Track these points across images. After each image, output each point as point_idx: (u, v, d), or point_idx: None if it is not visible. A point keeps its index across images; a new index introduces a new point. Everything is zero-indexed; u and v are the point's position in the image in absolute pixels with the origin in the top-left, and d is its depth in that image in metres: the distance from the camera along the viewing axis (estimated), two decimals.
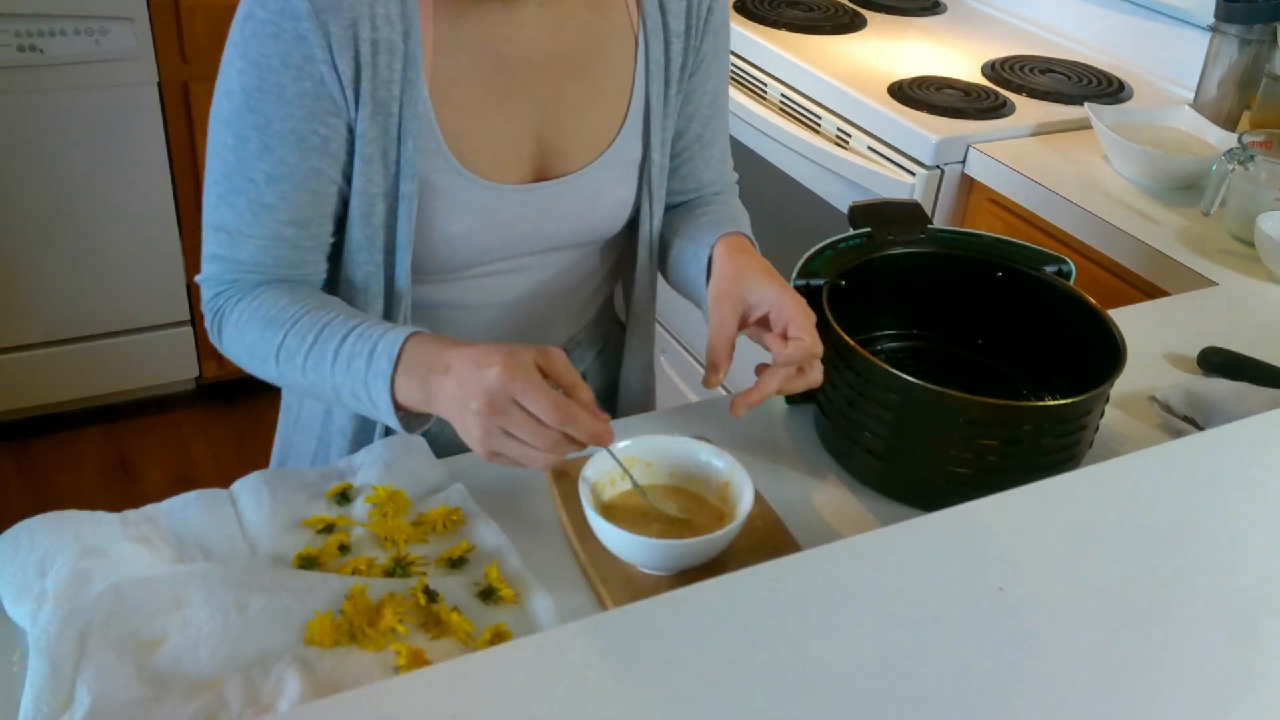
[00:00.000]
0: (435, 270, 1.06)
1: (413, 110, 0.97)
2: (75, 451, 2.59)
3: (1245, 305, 1.35)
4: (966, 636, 0.70)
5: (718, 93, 1.17)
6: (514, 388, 0.82)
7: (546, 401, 0.82)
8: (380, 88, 0.95)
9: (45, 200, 2.35)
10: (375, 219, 1.00)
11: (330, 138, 0.96)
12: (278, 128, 0.94)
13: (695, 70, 1.13)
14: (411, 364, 0.90)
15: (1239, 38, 1.73)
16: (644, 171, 1.12)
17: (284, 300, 0.98)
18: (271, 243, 0.98)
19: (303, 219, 0.98)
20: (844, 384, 1.00)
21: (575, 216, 1.09)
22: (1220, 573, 0.77)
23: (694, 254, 1.10)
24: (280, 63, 0.92)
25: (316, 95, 0.93)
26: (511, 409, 0.83)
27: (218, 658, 0.78)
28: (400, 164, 0.98)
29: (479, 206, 1.03)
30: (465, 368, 0.85)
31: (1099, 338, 1.03)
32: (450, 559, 0.89)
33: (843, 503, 1.01)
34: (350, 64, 0.93)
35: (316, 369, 0.94)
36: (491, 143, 1.03)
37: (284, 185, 0.96)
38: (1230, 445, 0.92)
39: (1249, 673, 0.71)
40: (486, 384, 0.83)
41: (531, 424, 0.83)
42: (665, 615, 0.70)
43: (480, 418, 0.83)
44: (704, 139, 1.17)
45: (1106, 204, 1.58)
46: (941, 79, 1.95)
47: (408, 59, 0.95)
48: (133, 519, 0.91)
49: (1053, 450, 0.96)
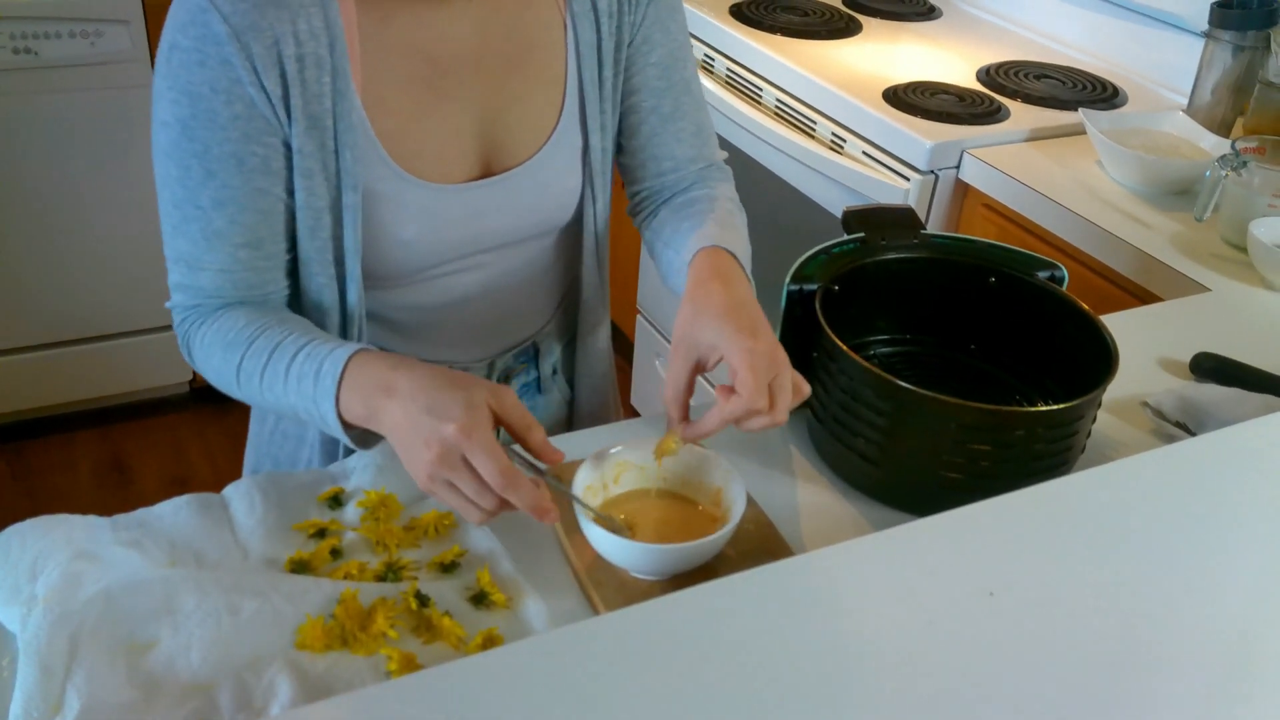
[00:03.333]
0: (392, 276, 1.06)
1: (347, 121, 0.97)
2: (70, 454, 2.58)
3: (1238, 311, 1.36)
4: (958, 641, 0.70)
5: (669, 64, 1.14)
6: (466, 446, 0.82)
7: (494, 468, 0.82)
8: (311, 102, 0.95)
9: (40, 203, 2.35)
10: (322, 232, 1.00)
11: (270, 157, 0.96)
12: (215, 152, 0.94)
13: (632, 42, 1.12)
14: (355, 382, 0.89)
15: (1233, 44, 1.74)
16: (586, 157, 1.12)
17: (241, 321, 0.98)
18: (228, 267, 0.98)
19: (255, 239, 0.98)
20: (837, 389, 1.00)
21: (525, 209, 1.09)
22: (1212, 578, 0.77)
23: (678, 267, 1.08)
24: (209, 89, 0.92)
25: (249, 117, 0.94)
26: (460, 467, 0.83)
27: (209, 661, 0.78)
28: (340, 175, 0.98)
29: (425, 209, 1.03)
30: (414, 404, 0.85)
31: (1092, 343, 1.03)
32: (442, 563, 0.89)
33: (835, 507, 1.01)
34: (278, 82, 0.93)
35: (272, 389, 0.95)
36: (432, 145, 1.03)
37: (231, 208, 0.96)
38: (1223, 451, 0.92)
39: (1241, 678, 0.71)
40: (443, 436, 0.82)
41: (477, 484, 0.83)
42: (657, 620, 0.70)
43: (430, 466, 0.83)
44: (663, 112, 1.15)
45: (1100, 209, 1.58)
46: (936, 84, 1.96)
47: (335, 70, 0.95)
48: (124, 523, 0.91)
49: (1045, 455, 0.96)
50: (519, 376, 1.22)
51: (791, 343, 1.07)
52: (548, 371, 1.25)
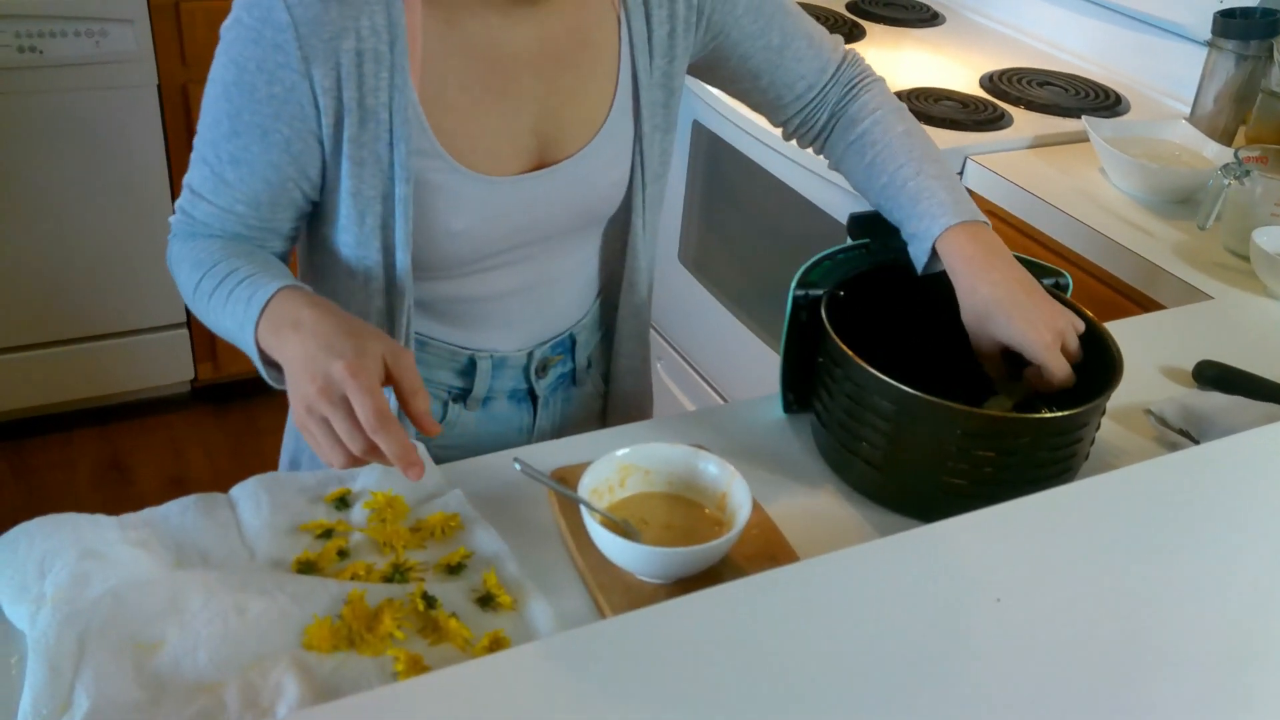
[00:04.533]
0: (442, 266, 1.09)
1: (402, 115, 1.01)
2: (69, 453, 2.58)
3: (1240, 319, 1.36)
4: (964, 647, 0.70)
5: (756, 8, 1.17)
6: (350, 385, 0.84)
7: (371, 408, 0.84)
8: (367, 95, 0.99)
9: (43, 201, 2.35)
10: (371, 220, 1.04)
11: (292, 139, 1.00)
12: (246, 119, 0.99)
13: (711, 13, 1.14)
14: (273, 313, 0.94)
15: (1236, 53, 1.74)
16: (637, 147, 1.15)
17: (215, 246, 1.04)
18: (223, 213, 1.04)
19: (255, 202, 1.03)
20: (842, 394, 1.00)
21: (573, 200, 1.12)
22: (1216, 586, 0.78)
23: (909, 234, 1.12)
24: (256, 65, 0.97)
25: (285, 100, 0.98)
26: (339, 404, 0.85)
27: (216, 661, 0.78)
28: (394, 167, 1.02)
29: (479, 201, 1.06)
30: (314, 338, 0.88)
31: (1095, 350, 1.03)
32: (449, 565, 0.89)
33: (840, 513, 1.01)
34: (330, 74, 0.97)
35: (216, 310, 1.00)
36: (489, 139, 1.06)
37: (243, 169, 1.01)
38: (1226, 459, 0.92)
39: (1244, 685, 0.71)
40: (328, 370, 0.85)
41: (350, 424, 0.84)
42: (663, 624, 0.71)
43: (308, 398, 0.86)
44: (775, 46, 1.19)
45: (1103, 217, 1.58)
46: (939, 90, 1.96)
47: (394, 67, 0.99)
48: (131, 522, 0.91)
49: (1049, 462, 0.97)
50: (555, 368, 1.24)
51: (797, 347, 1.07)
52: (583, 363, 1.26)
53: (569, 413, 1.28)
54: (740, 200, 2.24)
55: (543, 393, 1.24)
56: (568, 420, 1.28)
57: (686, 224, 2.39)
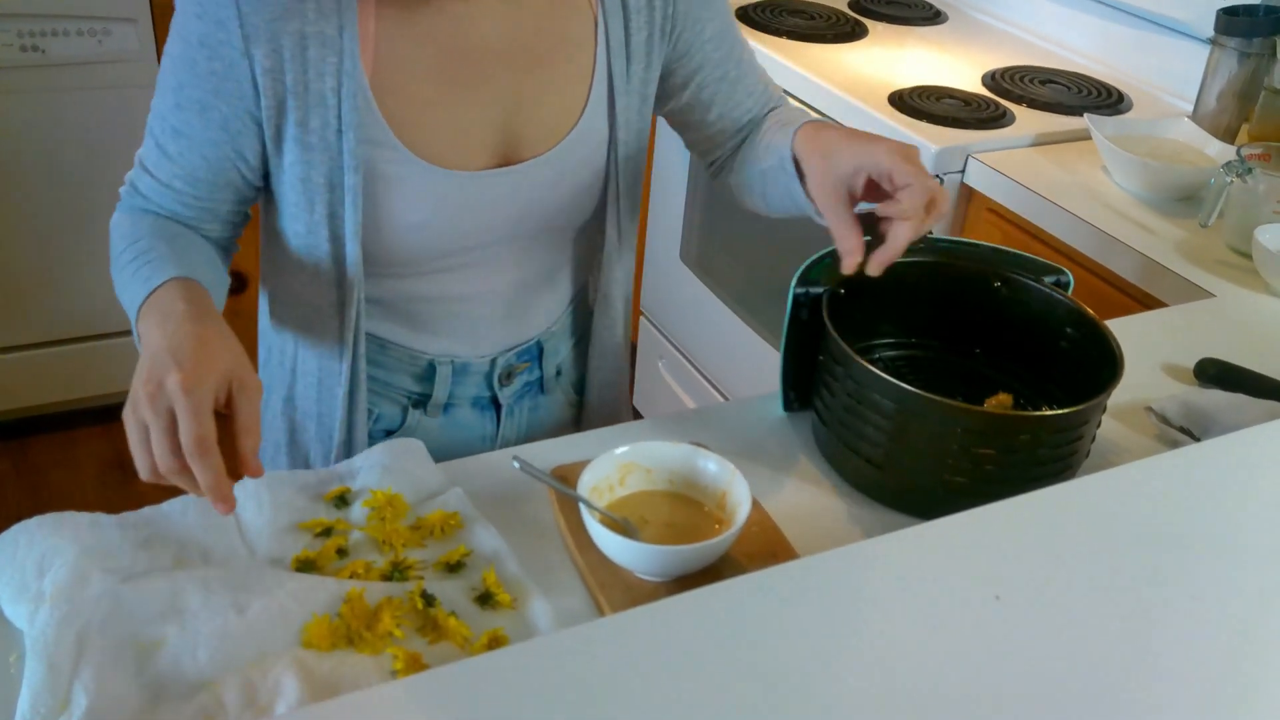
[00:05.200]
0: (399, 262, 1.06)
1: (352, 102, 0.99)
2: (73, 451, 2.59)
3: (1242, 317, 1.36)
4: (964, 644, 0.70)
5: (722, 32, 1.16)
6: (178, 400, 0.80)
7: (195, 432, 0.80)
8: (312, 80, 0.98)
9: (46, 200, 2.35)
10: (320, 208, 1.03)
11: (230, 118, 0.99)
12: (187, 92, 0.99)
13: (681, 30, 1.13)
14: (155, 299, 0.92)
15: (1238, 51, 1.74)
16: (611, 151, 1.12)
17: (147, 222, 1.03)
18: (163, 187, 1.03)
19: (194, 179, 1.02)
20: (842, 391, 1.00)
21: (542, 200, 1.10)
22: (1217, 583, 0.78)
23: (777, 165, 1.10)
24: (198, 40, 0.97)
25: (224, 77, 0.97)
26: (163, 415, 0.81)
27: (216, 660, 0.78)
28: (343, 155, 1.00)
29: (439, 194, 1.04)
30: (165, 340, 0.85)
31: (1096, 348, 1.03)
32: (448, 563, 0.89)
33: (840, 511, 1.01)
34: (271, 55, 0.96)
35: (124, 285, 0.98)
36: (450, 131, 1.04)
37: (183, 142, 1.01)
38: (1227, 456, 0.92)
39: (1246, 683, 0.71)
40: (164, 379, 0.81)
41: (169, 441, 0.80)
42: (662, 622, 0.71)
43: (135, 398, 0.82)
44: (730, 78, 1.18)
45: (1105, 215, 1.58)
46: (942, 88, 1.96)
47: (344, 52, 0.98)
48: (131, 521, 0.91)
49: (1049, 460, 0.96)
50: (521, 375, 1.21)
51: (797, 345, 1.07)
52: (551, 372, 1.24)
53: (537, 421, 1.25)
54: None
55: (507, 401, 1.21)
56: (536, 429, 1.25)
57: (688, 222, 2.38)
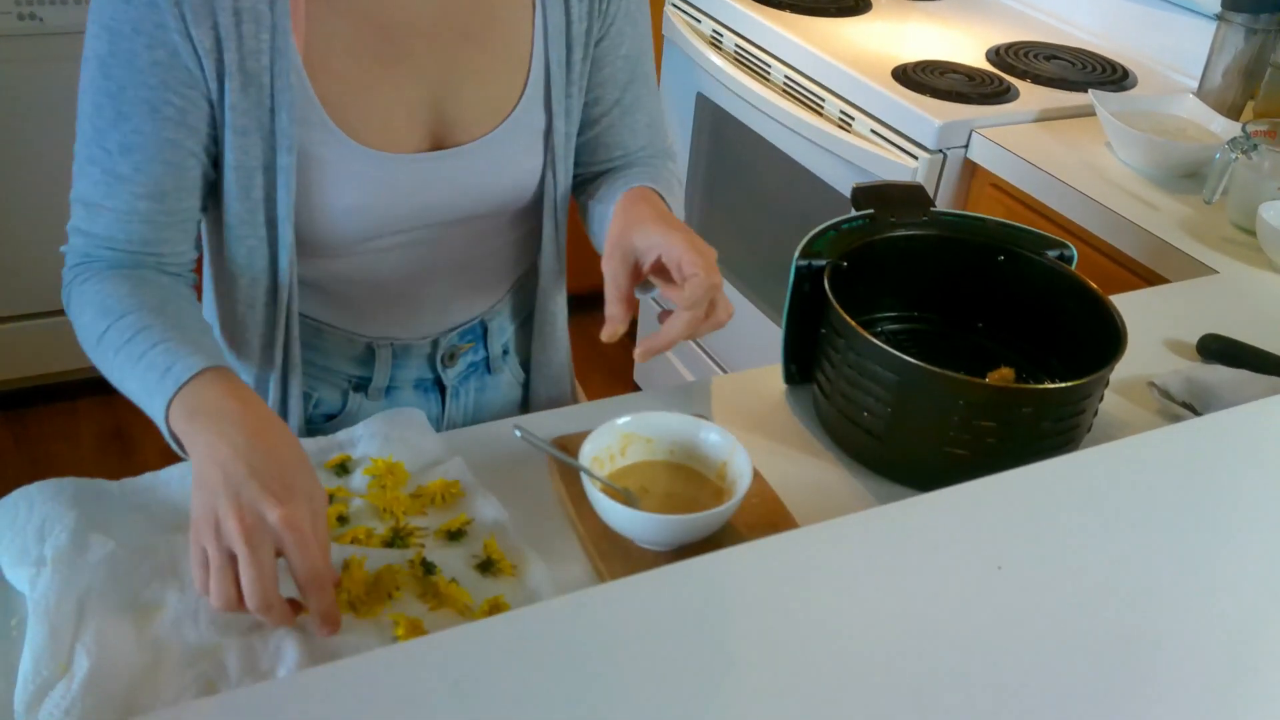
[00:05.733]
0: (330, 245, 1.03)
1: (284, 80, 0.94)
2: (73, 422, 2.59)
3: (1245, 293, 1.36)
4: (966, 614, 0.70)
5: (636, 57, 1.14)
6: (285, 536, 0.75)
7: (308, 568, 0.76)
8: (248, 58, 0.93)
9: (44, 169, 2.34)
10: (254, 193, 0.98)
11: (187, 110, 0.93)
12: (130, 95, 0.91)
13: (604, 35, 1.11)
14: (191, 395, 0.83)
15: (1245, 27, 1.73)
16: (548, 140, 1.10)
17: (124, 290, 0.93)
18: (126, 216, 0.95)
19: (159, 192, 0.95)
20: (844, 364, 1.00)
21: (478, 187, 1.07)
22: (1217, 555, 0.78)
23: (603, 214, 1.09)
24: (131, 29, 0.89)
25: (170, 65, 0.91)
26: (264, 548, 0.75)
27: (217, 625, 0.79)
28: (276, 135, 0.96)
29: (369, 177, 1.00)
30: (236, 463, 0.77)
31: (1099, 323, 1.03)
32: (449, 531, 0.89)
33: (841, 483, 1.01)
34: (209, 33, 0.91)
35: (122, 368, 0.89)
36: (379, 111, 1.00)
37: (138, 156, 0.93)
38: (1228, 430, 0.92)
39: (1246, 655, 0.71)
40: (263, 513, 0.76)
41: (268, 573, 0.75)
42: (662, 588, 0.71)
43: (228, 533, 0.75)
44: (624, 104, 1.15)
45: (1109, 191, 1.57)
46: (946, 63, 1.95)
47: (275, 28, 0.93)
48: (131, 487, 0.91)
49: (1051, 434, 0.96)
50: (465, 355, 1.19)
51: (799, 318, 1.07)
52: (497, 351, 1.22)
53: (484, 402, 1.23)
54: (744, 172, 2.23)
55: (451, 382, 1.19)
56: (484, 410, 1.23)
57: (690, 196, 2.38)
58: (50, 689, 0.73)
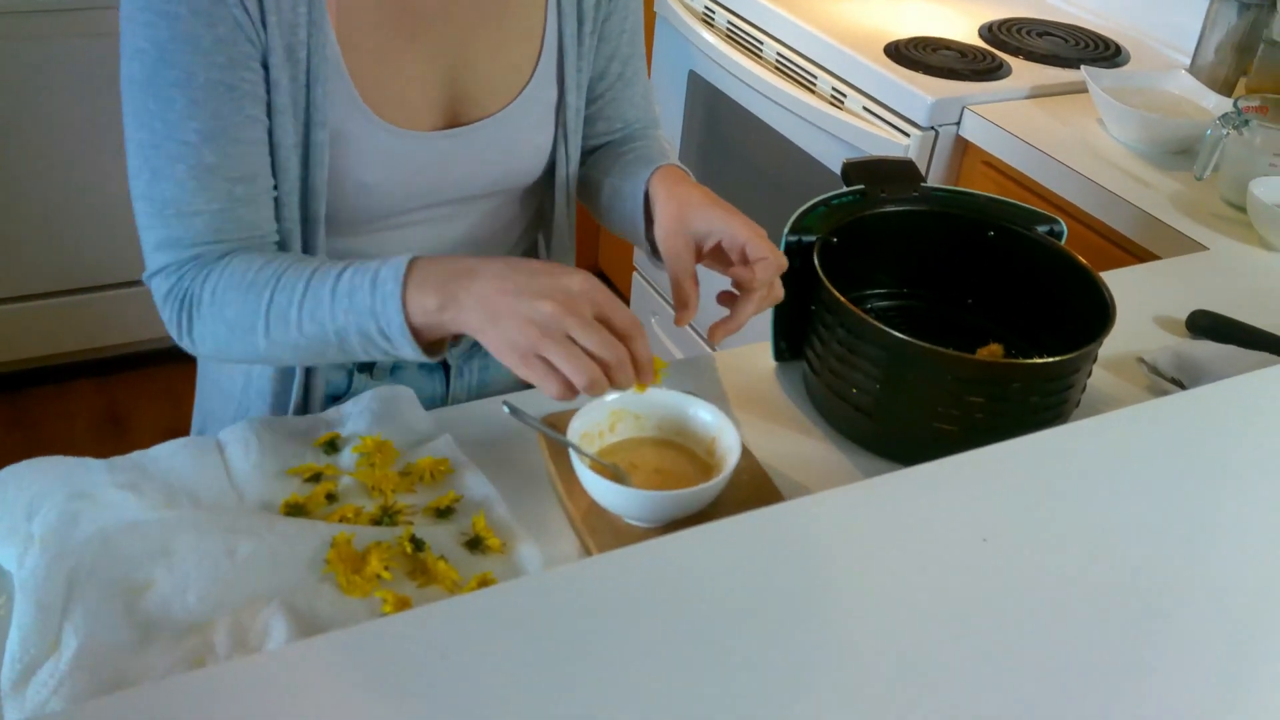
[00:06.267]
0: (352, 221, 1.03)
1: (321, 55, 0.93)
2: (67, 404, 2.59)
3: (1235, 270, 1.36)
4: (951, 586, 0.70)
5: (634, 30, 1.16)
6: (599, 297, 0.82)
7: (625, 316, 0.82)
8: (287, 32, 0.91)
9: (38, 150, 2.33)
10: (291, 172, 0.96)
11: (257, 83, 0.91)
12: (201, 79, 0.88)
13: (612, 11, 1.12)
14: (423, 279, 0.85)
15: (1238, 2, 1.72)
16: (560, 115, 1.11)
17: (259, 262, 0.91)
18: (225, 206, 0.92)
19: (249, 173, 0.92)
20: (834, 340, 1.00)
21: (492, 163, 1.08)
22: (1204, 527, 0.78)
23: (629, 192, 1.09)
24: (188, 10, 0.86)
25: (233, 40, 0.88)
26: (588, 319, 0.81)
27: (206, 602, 0.79)
28: (310, 111, 0.94)
29: (391, 154, 1.00)
30: (518, 272, 0.83)
31: (1089, 298, 1.03)
32: (438, 508, 0.90)
33: (830, 459, 1.01)
34: (256, 5, 0.89)
35: (314, 318, 0.88)
36: (398, 87, 1.00)
37: (222, 141, 0.90)
38: (1216, 404, 0.92)
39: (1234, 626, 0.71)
40: (567, 286, 0.81)
41: (601, 337, 0.81)
42: (649, 561, 0.71)
43: (545, 317, 0.80)
44: (625, 77, 1.17)
45: (1100, 167, 1.57)
46: (938, 40, 1.94)
47: (312, 2, 0.92)
48: (120, 465, 0.91)
49: (1040, 409, 0.96)
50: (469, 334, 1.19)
51: (789, 294, 1.07)
52: None
53: (488, 380, 1.22)
54: (735, 149, 2.22)
55: (455, 361, 1.18)
56: (488, 388, 1.22)
57: None
58: (38, 667, 0.73)
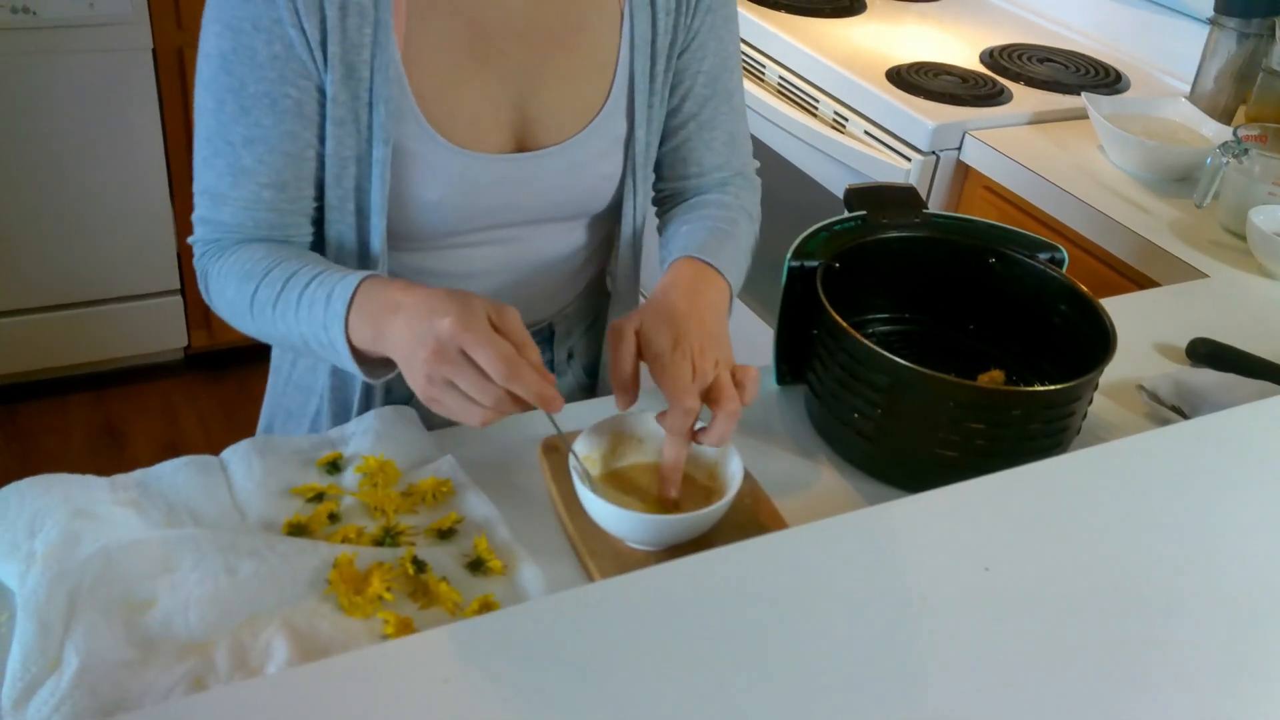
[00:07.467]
0: (415, 237, 1.06)
1: (384, 75, 0.97)
2: (63, 418, 2.58)
3: (1235, 297, 1.36)
4: (953, 615, 0.71)
5: (717, 73, 1.15)
6: (465, 339, 0.82)
7: (496, 356, 0.81)
8: (350, 51, 0.96)
9: (36, 165, 2.34)
10: (346, 182, 1.01)
11: (303, 101, 0.97)
12: (251, 90, 0.95)
13: (686, 48, 1.12)
14: (363, 304, 0.90)
15: (1237, 31, 1.73)
16: (629, 148, 1.12)
17: (259, 254, 0.99)
18: (251, 204, 1.00)
19: (280, 181, 0.99)
20: (836, 365, 1.00)
21: (557, 190, 1.09)
22: (1204, 557, 0.78)
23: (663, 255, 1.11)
24: (251, 25, 0.93)
25: (287, 58, 0.95)
26: (460, 361, 0.82)
27: (207, 621, 0.78)
28: (372, 128, 0.99)
29: (455, 174, 1.03)
30: (417, 311, 0.85)
31: (1090, 325, 1.03)
32: (439, 529, 0.89)
33: (831, 483, 1.01)
34: (317, 27, 0.94)
35: (284, 318, 0.95)
36: (468, 109, 1.03)
37: (260, 148, 0.97)
38: (1216, 433, 0.92)
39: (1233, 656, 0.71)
40: (437, 332, 0.82)
41: (478, 378, 0.82)
42: (651, 587, 0.71)
43: (427, 365, 0.83)
44: (701, 119, 1.16)
45: (1100, 194, 1.58)
46: (939, 65, 1.95)
47: (378, 23, 0.96)
48: (123, 483, 0.91)
49: (1040, 436, 0.97)
50: None
51: (791, 319, 1.07)
52: (562, 356, 1.23)
53: None
54: None
55: None
56: None
57: None
58: (40, 686, 0.73)
